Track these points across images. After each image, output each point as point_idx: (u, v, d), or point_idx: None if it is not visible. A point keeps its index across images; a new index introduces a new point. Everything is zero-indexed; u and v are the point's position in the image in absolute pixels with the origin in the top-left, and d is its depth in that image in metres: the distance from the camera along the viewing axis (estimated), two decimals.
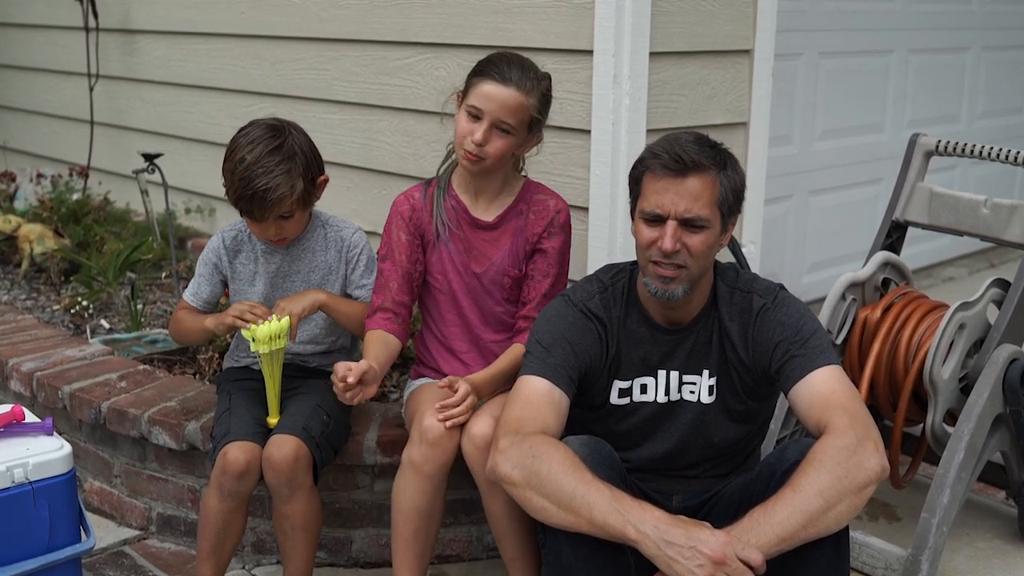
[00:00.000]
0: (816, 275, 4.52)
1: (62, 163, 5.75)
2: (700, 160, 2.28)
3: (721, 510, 2.40)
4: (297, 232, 2.86)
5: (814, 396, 2.26)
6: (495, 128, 2.64)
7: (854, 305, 3.00)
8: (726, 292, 2.46)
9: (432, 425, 2.55)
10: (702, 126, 3.41)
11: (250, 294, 2.92)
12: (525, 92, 2.64)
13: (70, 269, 4.44)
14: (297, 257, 2.91)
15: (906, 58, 4.83)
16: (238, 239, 2.93)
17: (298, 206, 2.76)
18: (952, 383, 2.84)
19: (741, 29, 3.50)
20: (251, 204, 2.71)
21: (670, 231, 2.28)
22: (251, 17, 4.45)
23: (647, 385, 2.47)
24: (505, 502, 2.52)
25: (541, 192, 2.82)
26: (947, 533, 2.68)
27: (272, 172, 2.68)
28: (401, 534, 2.61)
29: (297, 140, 2.76)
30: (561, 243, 2.80)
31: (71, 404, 3.25)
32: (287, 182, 2.70)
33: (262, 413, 2.79)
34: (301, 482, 2.65)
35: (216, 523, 2.68)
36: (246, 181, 2.69)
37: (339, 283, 2.93)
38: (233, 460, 2.62)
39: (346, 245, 2.92)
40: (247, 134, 2.76)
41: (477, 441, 2.52)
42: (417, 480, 2.57)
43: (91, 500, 3.33)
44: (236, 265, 2.94)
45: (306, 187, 2.75)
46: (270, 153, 2.70)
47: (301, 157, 2.74)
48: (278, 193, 2.69)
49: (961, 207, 3.06)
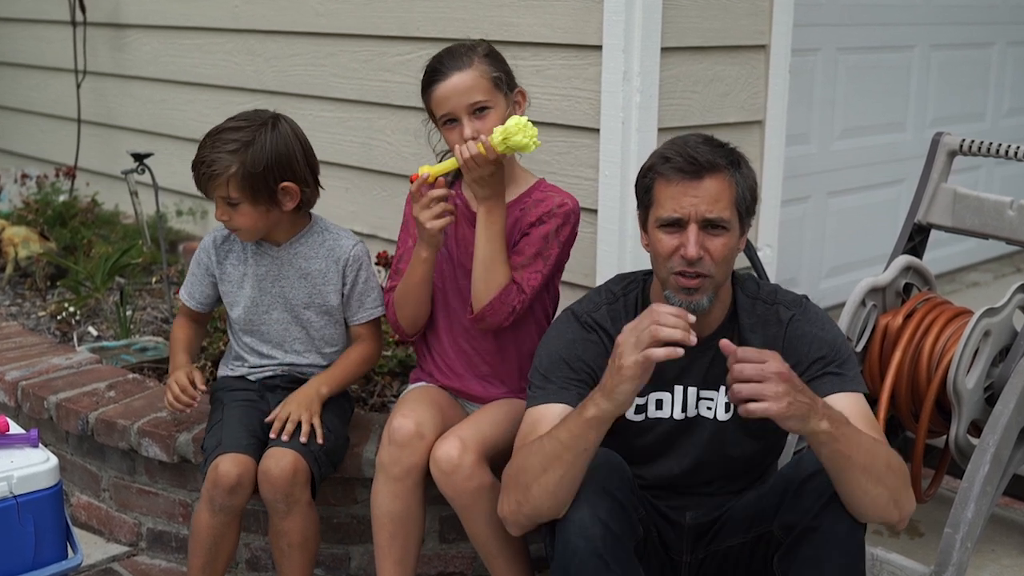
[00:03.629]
0: (835, 280, 4.52)
1: (48, 163, 5.77)
2: (715, 160, 2.28)
3: (734, 524, 2.41)
4: (248, 228, 2.82)
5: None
6: (474, 116, 2.65)
7: (874, 311, 3.00)
8: (747, 303, 2.45)
9: (400, 426, 2.58)
10: (716, 125, 3.42)
11: (239, 296, 2.93)
12: (468, 67, 2.67)
13: (56, 274, 4.44)
14: (287, 261, 2.91)
15: (928, 53, 4.82)
16: (230, 239, 2.94)
17: (240, 195, 2.75)
18: (977, 393, 2.84)
19: (757, 23, 3.51)
20: (195, 173, 2.79)
21: (692, 237, 2.27)
22: (245, 11, 4.46)
23: (663, 401, 2.46)
24: (488, 523, 2.54)
25: (551, 191, 2.80)
26: (971, 549, 2.68)
27: (218, 148, 2.74)
28: (378, 541, 2.65)
29: (270, 137, 2.77)
30: (549, 230, 2.71)
31: (57, 415, 3.25)
32: (224, 160, 2.73)
33: (256, 424, 2.79)
34: (299, 497, 2.65)
35: (207, 539, 2.68)
36: (199, 149, 2.78)
37: (334, 295, 2.92)
38: (224, 473, 2.62)
39: (344, 258, 2.91)
40: (239, 114, 2.85)
41: (443, 465, 2.55)
42: (388, 484, 2.60)
43: (78, 515, 3.34)
44: (226, 266, 2.95)
45: (248, 178, 2.73)
46: (230, 131, 2.77)
47: (256, 149, 2.74)
48: (212, 168, 2.73)
49: (986, 209, 3.05)
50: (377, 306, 2.95)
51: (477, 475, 2.54)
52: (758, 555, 2.37)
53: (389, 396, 3.35)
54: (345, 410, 2.96)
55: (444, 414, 2.71)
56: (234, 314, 2.95)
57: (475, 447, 2.56)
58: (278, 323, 2.93)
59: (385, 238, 4.07)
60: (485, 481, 2.55)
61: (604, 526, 2.19)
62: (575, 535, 2.19)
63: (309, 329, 2.94)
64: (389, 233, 4.06)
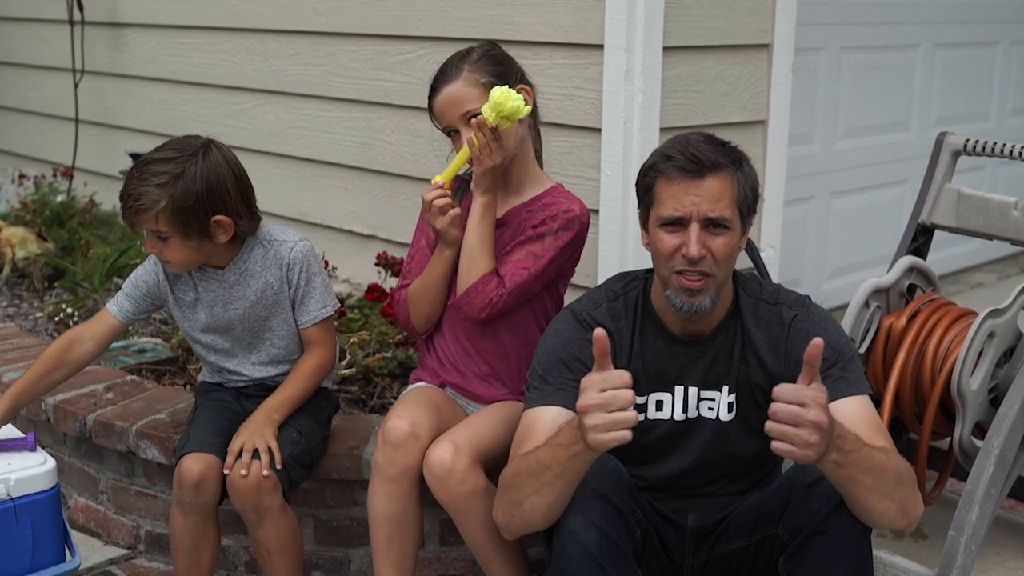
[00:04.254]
0: (838, 281, 4.52)
1: (46, 163, 5.77)
2: (717, 159, 2.28)
3: (737, 527, 2.41)
4: (179, 261, 2.73)
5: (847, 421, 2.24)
6: (470, 124, 2.65)
7: (878, 312, 3.00)
8: (749, 303, 2.45)
9: (395, 426, 2.58)
10: (718, 124, 3.42)
11: (193, 320, 2.88)
12: (457, 77, 2.69)
13: (54, 275, 4.45)
14: (234, 283, 2.82)
15: (932, 53, 4.82)
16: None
17: (170, 229, 2.65)
18: (981, 394, 2.84)
19: (759, 22, 3.51)
20: (122, 204, 2.69)
21: (694, 236, 2.27)
22: (244, 10, 4.46)
23: (663, 402, 2.46)
24: (483, 527, 2.54)
25: (562, 196, 2.79)
26: (976, 552, 2.68)
27: (145, 181, 2.63)
28: (376, 543, 2.64)
29: (198, 167, 2.65)
30: (547, 231, 2.71)
31: (55, 416, 3.25)
32: (152, 195, 2.62)
33: (226, 425, 2.76)
34: (268, 505, 2.64)
35: (185, 541, 2.69)
36: (126, 178, 2.68)
37: (287, 303, 2.85)
38: (187, 471, 2.62)
39: (286, 263, 2.81)
40: (169, 141, 2.74)
41: (435, 470, 2.54)
42: (384, 485, 2.59)
43: (76, 517, 3.34)
44: (176, 291, 2.87)
45: (177, 212, 2.62)
46: (159, 162, 2.65)
47: (186, 181, 2.63)
48: (139, 202, 2.63)
49: (991, 209, 3.05)
50: (324, 306, 2.86)
51: (470, 479, 2.54)
52: (762, 558, 2.37)
53: (389, 398, 3.35)
54: (322, 408, 2.92)
55: (441, 415, 2.70)
56: (194, 336, 2.91)
57: (468, 451, 2.56)
58: (239, 343, 2.89)
59: (385, 239, 4.07)
60: (479, 485, 2.55)
61: (599, 530, 2.19)
62: (570, 540, 2.19)
63: (273, 343, 2.88)
64: (389, 234, 4.06)
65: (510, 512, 2.27)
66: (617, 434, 2.00)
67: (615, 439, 2.00)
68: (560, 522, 2.22)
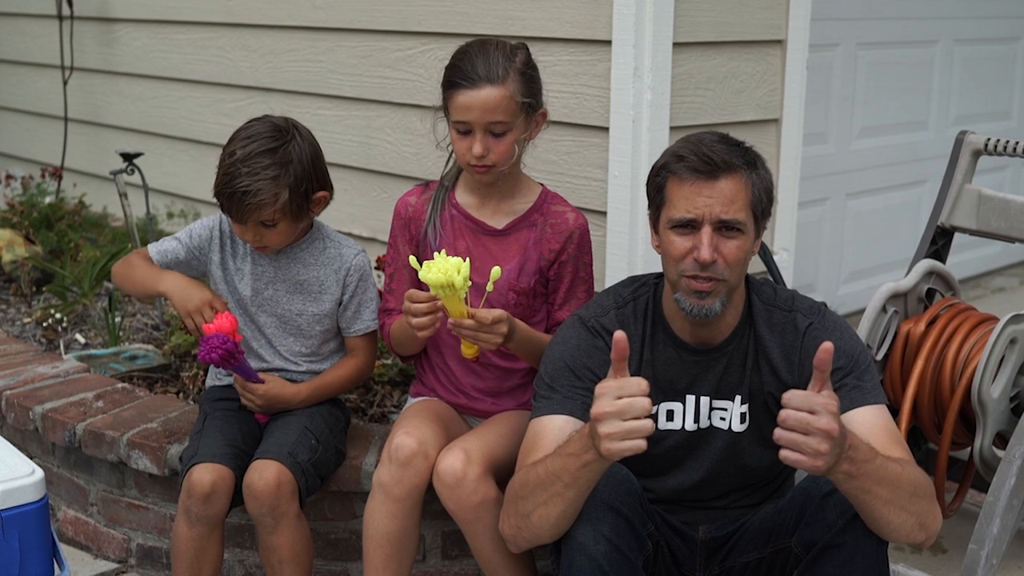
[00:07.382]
0: (854, 285, 4.53)
1: (33, 163, 5.78)
2: (731, 160, 2.29)
3: (750, 539, 2.41)
4: (281, 243, 2.85)
5: (862, 431, 2.24)
6: (489, 133, 2.63)
7: (896, 318, 3.00)
8: (763, 310, 2.46)
9: (403, 444, 2.57)
10: (730, 123, 3.42)
11: (237, 289, 2.93)
12: (500, 83, 2.62)
13: (42, 279, 4.45)
14: (286, 265, 2.91)
15: (952, 48, 4.83)
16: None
17: (283, 216, 2.75)
18: (1002, 403, 2.84)
19: (773, 17, 3.51)
20: (230, 202, 2.73)
21: (706, 239, 2.27)
22: (239, 4, 4.47)
23: (674, 411, 2.47)
24: (492, 538, 2.55)
25: (559, 204, 2.82)
26: (997, 566, 2.68)
27: (257, 175, 2.69)
28: (372, 562, 2.64)
29: (298, 147, 2.76)
30: (580, 260, 2.80)
31: (43, 425, 3.26)
32: (270, 188, 2.70)
33: (237, 434, 2.79)
34: (285, 510, 2.66)
35: (188, 552, 2.69)
36: (229, 177, 2.71)
37: (331, 304, 2.92)
38: (197, 481, 2.63)
39: (346, 267, 2.91)
40: (249, 128, 2.78)
41: (446, 479, 2.54)
42: (387, 504, 2.59)
43: (65, 530, 3.34)
44: (225, 255, 2.94)
45: (294, 199, 2.74)
46: (262, 154, 2.71)
47: (296, 167, 2.73)
48: (258, 198, 2.69)
49: (1012, 211, 3.06)
50: (374, 319, 2.95)
51: (482, 489, 2.55)
52: (775, 571, 2.37)
53: (389, 406, 3.36)
54: (338, 420, 2.96)
55: (448, 430, 2.71)
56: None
57: (480, 460, 2.56)
58: (267, 327, 2.94)
59: (385, 241, 4.07)
60: (490, 495, 2.56)
61: (609, 543, 2.20)
62: (579, 553, 2.20)
63: (301, 338, 2.94)
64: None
65: (517, 524, 2.27)
66: (632, 443, 2.01)
67: (630, 448, 2.01)
68: (569, 534, 2.23)
